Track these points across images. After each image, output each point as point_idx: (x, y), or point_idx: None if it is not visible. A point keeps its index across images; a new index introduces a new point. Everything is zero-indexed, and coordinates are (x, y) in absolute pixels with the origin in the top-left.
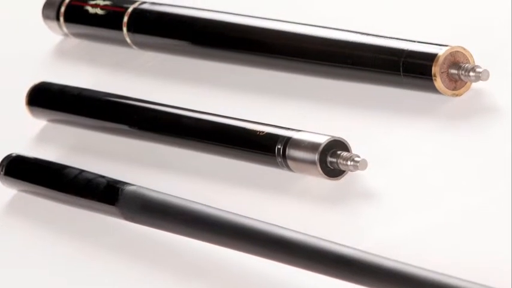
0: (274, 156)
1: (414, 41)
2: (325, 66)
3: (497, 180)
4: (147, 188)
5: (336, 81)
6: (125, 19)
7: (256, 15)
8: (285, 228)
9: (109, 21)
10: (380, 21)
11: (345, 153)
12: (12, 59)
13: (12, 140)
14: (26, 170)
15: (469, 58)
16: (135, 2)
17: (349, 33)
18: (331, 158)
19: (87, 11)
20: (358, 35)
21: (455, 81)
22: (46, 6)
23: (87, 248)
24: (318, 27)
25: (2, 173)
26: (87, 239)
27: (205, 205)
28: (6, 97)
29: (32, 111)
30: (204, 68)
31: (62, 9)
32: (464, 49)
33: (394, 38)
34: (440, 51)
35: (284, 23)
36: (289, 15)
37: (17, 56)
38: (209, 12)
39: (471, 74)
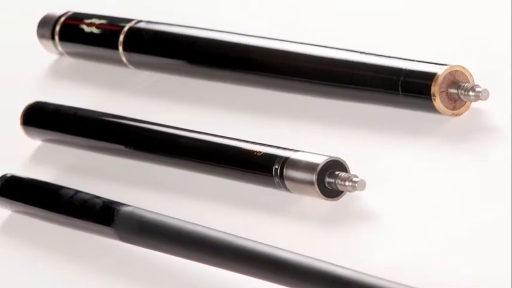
0: (272, 176)
1: (413, 60)
2: (324, 85)
3: (497, 200)
4: (143, 209)
5: (334, 100)
6: (121, 38)
7: (253, 34)
8: (282, 249)
9: (105, 40)
10: (379, 40)
11: (343, 174)
12: (6, 78)
13: (7, 160)
14: (21, 191)
15: (469, 77)
16: (131, 20)
17: (347, 52)
18: (329, 179)
19: (82, 29)
20: (357, 54)
21: (455, 100)
22: (41, 25)
23: (83, 270)
24: (316, 46)
25: None
26: (82, 261)
27: (202, 226)
28: (0, 117)
29: (26, 131)
30: (201, 87)
31: (57, 28)
32: (463, 68)
33: (393, 57)
34: (440, 71)
35: (282, 42)
36: (287, 34)
37: (12, 75)
38: (206, 31)
39: (471, 93)
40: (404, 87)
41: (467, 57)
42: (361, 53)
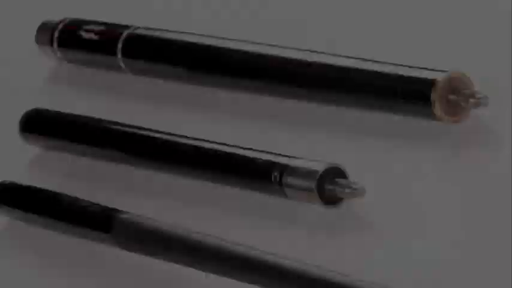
0: (271, 183)
1: (412, 67)
2: (322, 92)
3: (497, 207)
4: (142, 216)
5: (332, 107)
6: (120, 44)
7: (252, 41)
8: (281, 256)
9: (103, 46)
10: (377, 46)
11: (342, 181)
12: (5, 84)
13: (5, 167)
14: (19, 198)
15: (469, 84)
16: (130, 27)
17: (345, 58)
18: (329, 186)
19: (81, 36)
20: (355, 60)
21: (455, 107)
22: (39, 31)
23: (81, 277)
24: (315, 53)
25: None
26: (81, 268)
27: (201, 233)
28: None
29: (25, 138)
30: (200, 94)
31: (56, 34)
32: (463, 75)
33: (391, 64)
34: (439, 77)
35: (281, 48)
36: (285, 40)
37: (10, 82)
38: (205, 37)
39: (471, 100)
40: (403, 94)
41: (467, 64)
42: (359, 59)
